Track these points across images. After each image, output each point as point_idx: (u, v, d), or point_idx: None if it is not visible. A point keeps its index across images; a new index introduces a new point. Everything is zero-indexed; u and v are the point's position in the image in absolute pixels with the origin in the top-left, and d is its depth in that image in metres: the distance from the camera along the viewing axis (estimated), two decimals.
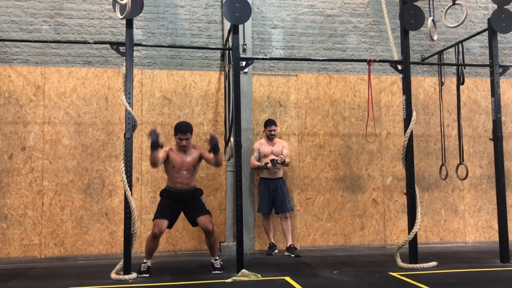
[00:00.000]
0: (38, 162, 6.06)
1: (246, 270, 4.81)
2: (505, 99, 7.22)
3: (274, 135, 6.26)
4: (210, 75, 6.60)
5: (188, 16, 6.68)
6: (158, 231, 4.90)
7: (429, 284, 4.40)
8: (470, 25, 7.36)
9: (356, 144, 6.85)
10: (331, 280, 4.64)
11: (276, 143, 6.27)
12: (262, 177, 6.25)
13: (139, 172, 6.23)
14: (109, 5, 6.42)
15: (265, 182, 6.20)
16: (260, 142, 6.33)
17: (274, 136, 6.27)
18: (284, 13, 6.94)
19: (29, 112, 6.11)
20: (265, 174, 6.19)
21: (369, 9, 7.17)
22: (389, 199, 6.84)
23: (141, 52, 6.45)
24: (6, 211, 5.94)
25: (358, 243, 6.70)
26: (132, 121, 4.95)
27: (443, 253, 6.19)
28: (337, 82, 6.89)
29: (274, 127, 6.26)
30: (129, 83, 4.99)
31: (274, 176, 6.18)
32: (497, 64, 5.74)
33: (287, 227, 6.14)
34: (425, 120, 7.06)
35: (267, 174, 6.18)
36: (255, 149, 6.27)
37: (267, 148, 6.21)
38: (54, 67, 6.24)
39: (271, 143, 6.26)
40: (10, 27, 6.24)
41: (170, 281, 4.61)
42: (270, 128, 6.24)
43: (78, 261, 5.87)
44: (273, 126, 6.26)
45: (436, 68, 7.10)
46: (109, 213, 6.15)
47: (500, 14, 5.72)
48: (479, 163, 7.15)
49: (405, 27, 5.56)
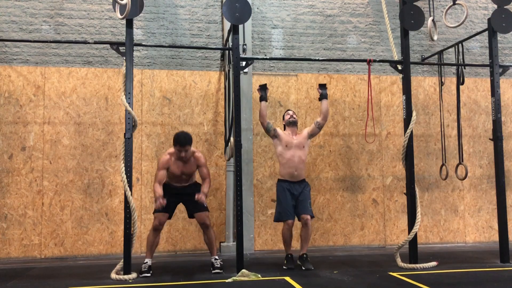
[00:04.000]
0: (38, 162, 6.06)
1: (246, 270, 4.81)
2: (505, 99, 7.22)
3: (294, 118, 5.44)
4: (210, 75, 6.60)
5: (188, 16, 6.68)
6: (158, 222, 4.97)
7: (429, 284, 4.40)
8: (470, 25, 7.36)
9: (356, 144, 6.85)
10: (331, 280, 4.64)
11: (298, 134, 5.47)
12: (282, 179, 5.38)
13: (139, 172, 6.23)
14: (109, 5, 6.42)
15: (286, 184, 5.33)
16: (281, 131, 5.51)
17: (295, 121, 5.45)
18: (284, 13, 6.94)
19: (29, 112, 6.11)
20: (286, 176, 5.33)
21: (369, 9, 7.17)
22: (389, 199, 6.84)
23: (141, 52, 6.45)
24: (6, 211, 5.94)
25: (358, 243, 6.70)
26: (132, 121, 4.95)
27: (443, 253, 6.19)
28: (337, 82, 6.89)
29: (291, 112, 5.51)
30: (129, 83, 4.99)
31: (297, 179, 5.34)
32: (497, 64, 5.75)
33: (305, 235, 5.32)
34: (425, 120, 7.06)
35: (288, 177, 5.33)
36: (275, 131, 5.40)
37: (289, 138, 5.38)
38: (54, 67, 6.24)
39: (293, 134, 5.41)
40: (10, 27, 6.24)
41: (170, 281, 4.61)
42: (289, 113, 5.51)
43: (78, 261, 5.87)
44: (290, 111, 5.54)
45: (436, 68, 7.11)
46: (109, 213, 6.15)
47: (500, 14, 5.72)
48: (479, 163, 7.15)
49: (405, 27, 5.56)
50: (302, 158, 5.36)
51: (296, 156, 5.31)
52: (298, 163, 5.31)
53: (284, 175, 5.36)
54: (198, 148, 6.41)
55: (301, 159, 5.34)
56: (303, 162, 5.39)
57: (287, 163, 5.31)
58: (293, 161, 5.30)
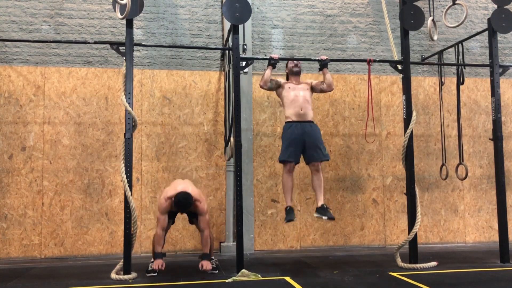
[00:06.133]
0: (38, 162, 6.06)
1: (246, 270, 4.81)
2: (505, 99, 7.22)
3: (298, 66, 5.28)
4: (210, 75, 6.60)
5: (188, 16, 6.68)
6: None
7: (429, 284, 4.40)
8: (470, 25, 7.36)
9: (356, 144, 6.84)
10: (331, 280, 4.64)
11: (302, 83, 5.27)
12: (288, 121, 5.15)
13: (139, 172, 6.23)
14: (109, 5, 6.42)
15: (292, 125, 5.09)
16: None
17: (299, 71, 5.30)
18: (284, 13, 6.94)
19: (29, 112, 6.11)
20: (292, 116, 5.11)
21: (369, 9, 7.17)
22: (389, 199, 6.84)
23: (141, 52, 6.45)
24: (6, 211, 5.94)
25: (358, 243, 6.70)
26: (132, 121, 4.95)
27: (443, 253, 6.19)
28: (337, 82, 6.88)
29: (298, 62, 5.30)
30: (129, 83, 4.99)
31: (303, 118, 5.10)
32: (497, 64, 5.75)
33: (318, 183, 5.07)
34: (425, 120, 7.06)
35: (294, 116, 5.10)
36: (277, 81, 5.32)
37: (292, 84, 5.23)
38: (54, 67, 6.24)
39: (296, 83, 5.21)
40: (10, 27, 6.24)
41: (170, 281, 4.61)
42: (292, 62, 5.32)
43: (78, 261, 5.87)
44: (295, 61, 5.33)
45: (436, 68, 7.10)
46: (109, 213, 6.15)
47: (500, 14, 5.72)
48: (479, 163, 7.15)
49: (405, 27, 5.56)
50: (307, 98, 5.13)
51: (300, 96, 5.11)
52: (303, 102, 5.09)
53: (290, 115, 5.11)
54: (198, 148, 6.42)
55: (305, 99, 5.11)
56: (308, 102, 5.14)
57: (292, 103, 5.10)
58: (297, 100, 5.09)
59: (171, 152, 6.36)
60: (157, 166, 6.30)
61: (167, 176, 6.29)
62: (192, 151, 6.42)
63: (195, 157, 6.41)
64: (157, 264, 4.66)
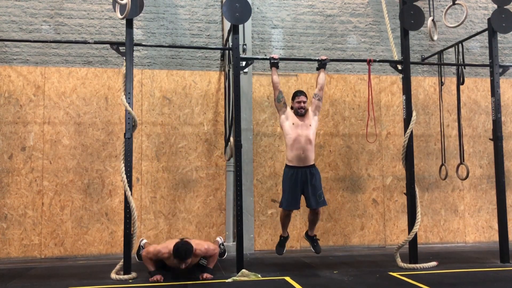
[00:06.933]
0: (38, 162, 6.06)
1: (246, 270, 4.81)
2: (505, 99, 7.22)
3: (304, 108, 5.14)
4: (210, 75, 6.60)
5: (188, 16, 6.68)
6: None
7: (429, 284, 4.40)
8: (470, 25, 7.36)
9: (356, 144, 6.85)
10: (331, 280, 4.64)
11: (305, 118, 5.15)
12: (289, 165, 5.10)
13: (139, 172, 6.23)
14: (109, 5, 6.42)
15: (292, 171, 5.06)
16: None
17: (304, 110, 5.16)
18: (284, 13, 6.94)
19: (29, 112, 6.11)
20: (294, 160, 5.06)
21: (369, 9, 7.17)
22: (389, 199, 6.84)
23: (141, 52, 6.45)
24: (6, 211, 5.94)
25: (358, 243, 6.70)
26: (132, 121, 4.95)
27: (443, 253, 6.19)
28: (337, 82, 6.89)
29: (304, 98, 5.17)
30: (129, 83, 4.99)
31: (304, 163, 5.05)
32: (497, 64, 5.75)
33: (314, 219, 5.22)
34: (425, 120, 7.06)
35: (295, 161, 5.05)
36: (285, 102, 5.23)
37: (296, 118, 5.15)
38: (54, 67, 6.24)
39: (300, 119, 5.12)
40: (10, 27, 6.24)
41: (170, 281, 4.61)
42: (299, 99, 5.16)
43: (78, 261, 5.87)
44: (303, 96, 5.18)
45: (436, 68, 7.10)
46: (109, 213, 6.15)
47: (500, 14, 5.72)
48: (479, 163, 7.15)
49: (405, 27, 5.56)
50: (309, 138, 5.04)
51: (303, 136, 5.01)
52: (305, 144, 5.01)
53: (291, 160, 5.06)
54: (198, 148, 6.42)
55: (308, 139, 5.02)
56: (311, 143, 5.05)
57: (294, 144, 5.02)
58: (299, 141, 5.00)
59: (171, 152, 6.36)
60: (157, 166, 6.31)
61: (167, 176, 6.29)
62: (192, 151, 6.42)
63: (195, 157, 6.41)
64: (155, 278, 4.58)
